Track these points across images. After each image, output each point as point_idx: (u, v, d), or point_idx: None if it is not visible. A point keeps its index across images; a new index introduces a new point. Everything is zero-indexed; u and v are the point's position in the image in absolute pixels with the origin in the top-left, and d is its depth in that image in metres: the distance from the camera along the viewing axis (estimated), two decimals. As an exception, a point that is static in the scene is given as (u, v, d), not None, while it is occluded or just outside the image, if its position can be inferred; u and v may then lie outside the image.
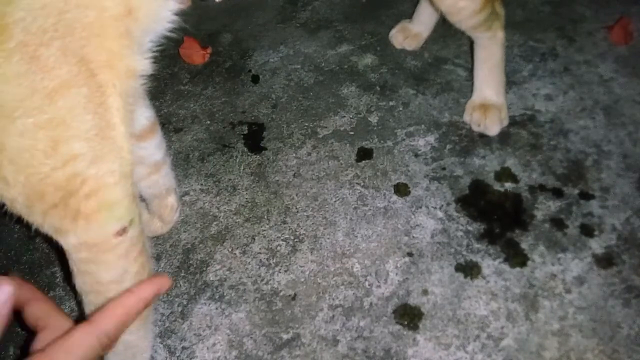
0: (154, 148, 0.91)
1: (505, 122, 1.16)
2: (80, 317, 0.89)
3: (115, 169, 0.60)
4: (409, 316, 0.91)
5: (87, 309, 0.70)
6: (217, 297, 0.95)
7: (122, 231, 0.62)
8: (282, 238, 1.02)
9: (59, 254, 1.04)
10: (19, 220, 0.61)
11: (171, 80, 1.34)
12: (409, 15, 1.37)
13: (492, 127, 1.14)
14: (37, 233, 0.63)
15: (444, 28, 1.35)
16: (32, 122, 0.52)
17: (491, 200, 1.05)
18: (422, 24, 1.34)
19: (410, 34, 1.34)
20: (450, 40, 1.36)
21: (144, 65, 0.62)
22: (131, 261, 0.65)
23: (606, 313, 0.89)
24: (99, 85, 0.57)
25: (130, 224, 0.63)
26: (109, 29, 0.56)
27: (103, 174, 0.59)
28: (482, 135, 1.15)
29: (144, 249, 0.68)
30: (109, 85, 0.58)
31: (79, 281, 0.67)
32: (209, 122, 1.24)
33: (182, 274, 0.98)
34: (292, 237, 1.02)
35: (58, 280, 0.99)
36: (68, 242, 0.62)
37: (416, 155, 1.13)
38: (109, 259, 0.64)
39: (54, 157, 0.55)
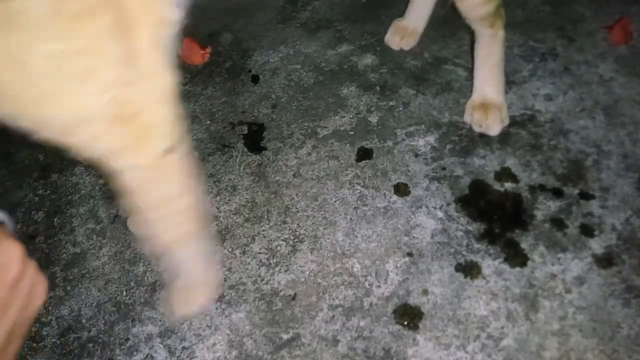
0: None
1: (506, 122, 1.16)
2: (76, 322, 0.89)
3: (153, 91, 0.62)
4: (409, 316, 0.91)
5: (142, 231, 0.76)
6: (217, 297, 0.95)
7: (170, 150, 0.65)
8: (282, 238, 1.02)
9: (57, 255, 1.04)
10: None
11: (171, 80, 1.34)
12: (409, 15, 1.37)
13: (494, 126, 1.14)
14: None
15: (444, 28, 1.35)
16: (61, 49, 0.52)
17: (491, 200, 1.05)
18: (416, 19, 1.33)
19: (407, 32, 1.34)
20: (450, 40, 1.35)
21: (175, 15, 0.63)
22: (182, 179, 0.70)
23: (606, 313, 0.89)
24: (126, 13, 0.57)
25: (178, 142, 0.66)
26: None
27: (142, 97, 0.61)
28: (482, 135, 1.15)
29: (191, 166, 0.71)
30: (139, 16, 0.59)
31: (132, 200, 0.70)
32: (209, 122, 1.24)
33: (182, 274, 0.98)
34: (292, 237, 1.02)
35: (58, 280, 0.99)
36: (119, 164, 0.64)
37: (416, 155, 1.13)
38: (159, 176, 0.68)
39: (90, 84, 0.56)
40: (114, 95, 0.58)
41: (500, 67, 1.15)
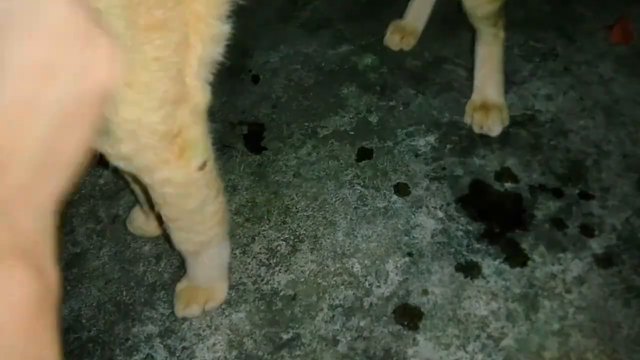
0: None
1: (506, 122, 1.15)
2: (76, 322, 0.89)
3: (196, 110, 0.66)
4: (409, 316, 0.91)
5: (174, 235, 0.80)
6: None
7: (203, 165, 0.69)
8: (282, 238, 1.02)
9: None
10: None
11: (171, 80, 1.34)
12: (409, 15, 1.37)
13: (494, 127, 1.14)
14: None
15: (445, 27, 1.35)
16: (134, 59, 0.54)
17: (491, 200, 1.05)
18: (416, 19, 1.33)
19: (406, 32, 1.33)
20: (450, 40, 1.35)
21: (224, 30, 0.67)
22: (210, 191, 0.74)
23: (606, 313, 0.89)
24: (187, 31, 0.60)
25: (209, 159, 0.71)
26: None
27: (186, 114, 0.65)
28: (482, 135, 1.15)
29: (218, 179, 0.76)
30: (196, 33, 0.62)
31: (165, 211, 0.74)
32: (209, 122, 1.23)
33: (183, 274, 0.98)
34: (292, 237, 1.02)
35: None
36: (154, 178, 0.68)
37: (416, 155, 1.13)
38: (192, 191, 0.72)
39: (152, 96, 0.58)
40: (168, 111, 0.61)
41: (500, 68, 1.15)
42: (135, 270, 0.99)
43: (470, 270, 0.95)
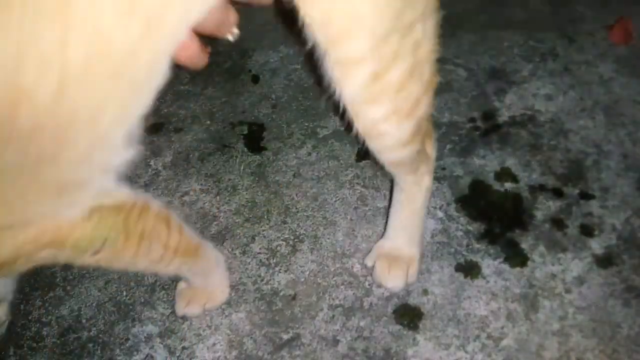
0: None
1: (412, 279, 0.94)
2: (76, 322, 0.89)
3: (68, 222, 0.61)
4: (409, 316, 0.91)
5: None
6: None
7: (97, 252, 0.64)
8: (282, 238, 1.02)
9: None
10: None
11: (171, 81, 1.34)
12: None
13: (395, 283, 0.94)
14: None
15: (444, 28, 1.35)
16: None
17: (491, 200, 1.05)
18: None
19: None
20: (450, 40, 1.35)
21: None
22: (124, 259, 0.68)
23: (606, 313, 0.89)
24: None
25: (104, 244, 0.64)
26: None
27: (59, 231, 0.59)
28: (483, 135, 1.15)
29: (134, 245, 0.68)
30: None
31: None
32: (209, 122, 1.24)
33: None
34: (292, 237, 1.02)
35: (58, 280, 0.99)
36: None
37: (416, 155, 1.13)
38: (108, 266, 0.70)
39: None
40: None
41: (420, 216, 0.93)
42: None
43: (470, 270, 0.95)
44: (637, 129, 1.14)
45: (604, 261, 0.95)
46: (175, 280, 0.97)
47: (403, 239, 0.94)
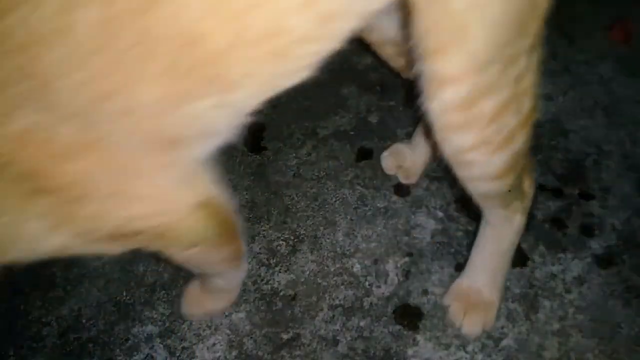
0: None
1: (488, 327, 0.88)
2: (76, 322, 0.89)
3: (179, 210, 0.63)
4: (409, 316, 0.91)
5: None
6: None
7: (191, 247, 0.68)
8: (282, 238, 1.02)
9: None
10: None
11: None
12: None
13: (469, 329, 0.88)
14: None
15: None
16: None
17: (491, 200, 1.05)
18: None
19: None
20: (450, 40, 1.35)
21: None
22: (207, 257, 0.74)
23: (606, 313, 0.89)
24: None
25: (202, 241, 0.68)
26: None
27: (163, 223, 0.62)
28: (482, 135, 1.15)
29: (224, 245, 0.74)
30: None
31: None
32: (209, 122, 1.23)
33: (182, 274, 0.98)
34: (292, 237, 1.02)
35: (58, 280, 0.99)
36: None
37: (416, 155, 1.13)
38: (187, 261, 0.75)
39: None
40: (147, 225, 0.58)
41: (506, 258, 0.87)
42: (135, 270, 0.99)
43: (470, 270, 0.95)
44: (637, 129, 1.14)
45: (604, 261, 0.95)
46: (175, 280, 0.97)
47: (484, 280, 0.87)
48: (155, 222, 0.58)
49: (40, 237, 0.54)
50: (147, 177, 0.55)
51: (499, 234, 0.84)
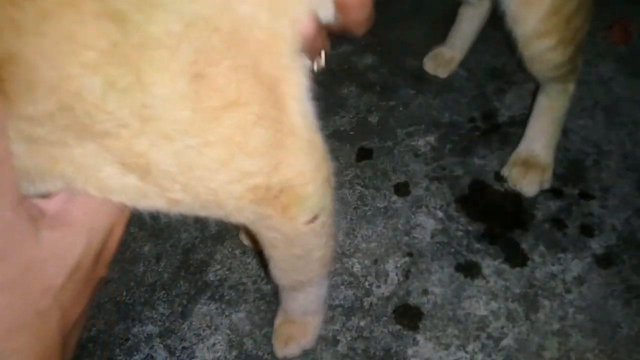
0: None
1: (546, 185, 1.04)
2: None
3: (304, 170, 0.58)
4: (409, 316, 0.91)
5: (272, 271, 0.71)
6: (217, 297, 0.95)
7: (313, 219, 0.61)
8: (282, 238, 1.02)
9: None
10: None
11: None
12: (410, 14, 1.37)
13: (530, 189, 1.04)
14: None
15: (445, 28, 1.35)
16: (196, 142, 0.47)
17: (491, 200, 1.05)
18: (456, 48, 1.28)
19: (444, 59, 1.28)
20: (450, 40, 1.35)
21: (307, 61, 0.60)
22: (320, 240, 0.67)
23: (606, 313, 0.89)
24: (275, 99, 0.53)
25: (322, 211, 0.62)
26: (281, 46, 0.52)
27: (289, 178, 0.56)
28: (482, 135, 1.15)
29: (332, 226, 0.68)
30: (287, 96, 0.56)
31: (269, 251, 0.67)
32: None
33: (182, 274, 0.98)
34: (292, 237, 1.02)
35: (58, 280, 0.99)
36: (256, 225, 0.60)
37: (416, 155, 1.13)
38: (297, 242, 0.64)
39: (225, 173, 0.50)
40: (256, 183, 0.53)
41: (559, 123, 1.04)
42: (135, 270, 1.00)
43: (470, 270, 0.95)
44: (637, 129, 1.14)
45: (604, 261, 0.95)
46: (175, 279, 0.97)
47: (541, 144, 1.03)
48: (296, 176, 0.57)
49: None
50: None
51: (556, 103, 1.01)
